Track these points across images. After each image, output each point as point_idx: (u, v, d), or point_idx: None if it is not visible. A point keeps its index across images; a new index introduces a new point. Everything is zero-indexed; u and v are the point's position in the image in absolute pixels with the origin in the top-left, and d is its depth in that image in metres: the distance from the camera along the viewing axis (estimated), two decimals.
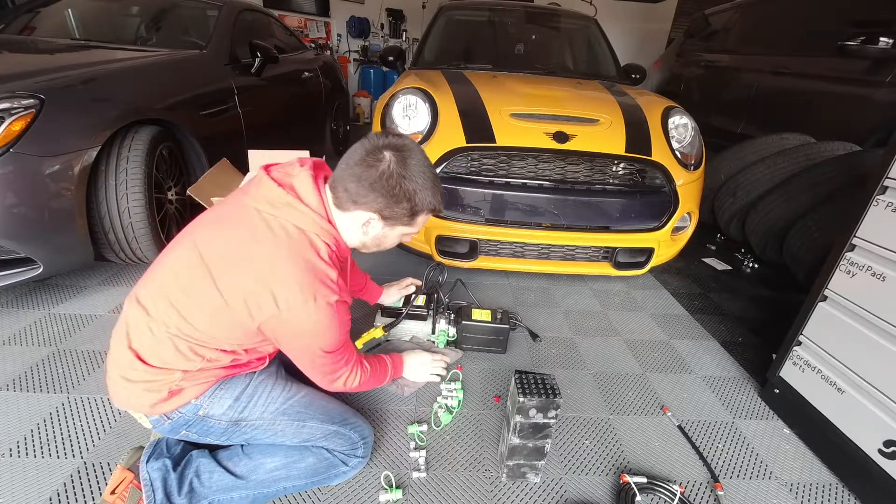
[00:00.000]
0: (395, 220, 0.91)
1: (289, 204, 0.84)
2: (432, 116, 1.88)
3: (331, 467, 1.00)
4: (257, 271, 0.80)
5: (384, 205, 0.87)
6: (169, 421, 0.89)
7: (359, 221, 0.90)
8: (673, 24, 6.54)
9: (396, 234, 0.97)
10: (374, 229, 0.92)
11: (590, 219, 1.82)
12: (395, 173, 0.85)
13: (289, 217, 0.84)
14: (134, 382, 0.85)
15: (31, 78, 1.47)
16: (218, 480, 0.92)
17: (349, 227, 0.91)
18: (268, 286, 0.80)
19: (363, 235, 0.94)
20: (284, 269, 0.80)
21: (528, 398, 0.96)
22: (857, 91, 2.56)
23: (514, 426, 1.00)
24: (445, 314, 1.57)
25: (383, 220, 0.90)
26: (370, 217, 0.89)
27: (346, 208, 0.88)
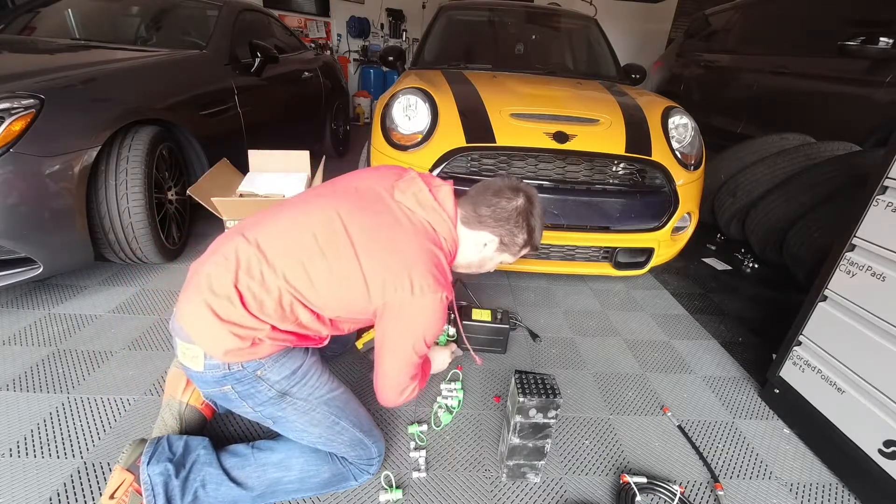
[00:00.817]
0: (508, 248, 1.06)
1: (434, 208, 0.97)
2: (432, 116, 1.88)
3: (342, 481, 1.00)
4: (402, 255, 0.90)
5: (507, 233, 1.03)
6: (225, 371, 0.86)
7: (480, 241, 1.04)
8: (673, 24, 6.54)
9: (498, 260, 1.11)
10: (487, 251, 1.06)
11: (590, 219, 1.82)
12: (525, 210, 1.02)
13: (430, 217, 0.96)
14: (224, 322, 0.82)
15: (31, 78, 1.47)
16: (225, 493, 0.91)
17: (468, 244, 1.05)
18: (408, 270, 0.88)
19: (475, 254, 1.07)
20: (425, 259, 0.91)
21: (528, 398, 0.96)
22: (857, 91, 2.56)
23: (514, 426, 1.00)
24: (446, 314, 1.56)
25: (500, 245, 1.05)
26: (491, 239, 1.04)
27: (474, 227, 1.03)
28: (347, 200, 0.95)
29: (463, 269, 1.12)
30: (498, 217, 1.01)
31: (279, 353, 0.91)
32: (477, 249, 1.05)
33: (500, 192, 1.01)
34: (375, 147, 1.97)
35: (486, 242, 1.04)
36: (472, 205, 1.02)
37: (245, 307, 0.83)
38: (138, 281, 1.82)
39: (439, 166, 1.76)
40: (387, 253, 0.90)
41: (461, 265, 1.10)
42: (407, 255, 0.90)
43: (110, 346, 1.44)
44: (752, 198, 2.42)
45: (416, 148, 1.83)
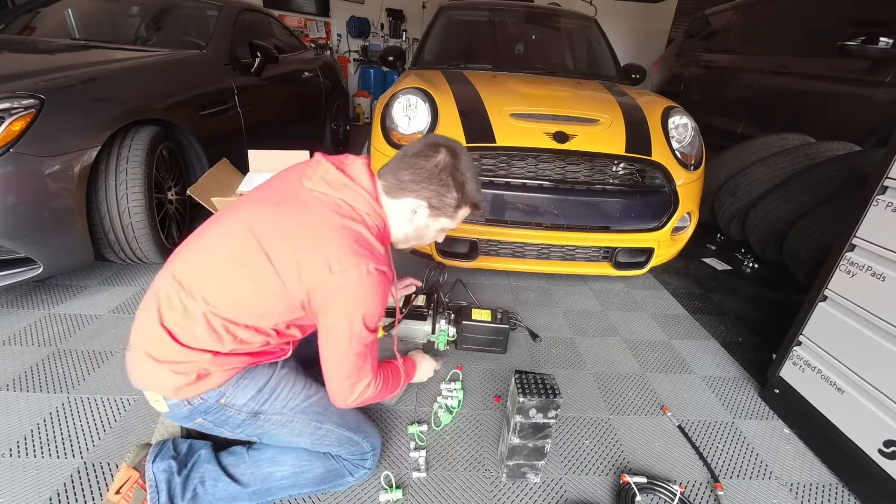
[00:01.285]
0: (441, 211, 0.97)
1: (345, 185, 0.90)
2: (432, 116, 1.88)
3: (337, 477, 1.00)
4: (311, 238, 0.84)
5: (434, 193, 0.94)
6: (188, 406, 0.87)
7: (408, 209, 0.95)
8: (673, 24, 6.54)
9: (437, 227, 1.02)
10: (419, 218, 0.98)
11: (590, 219, 1.82)
12: (448, 165, 0.93)
13: (344, 196, 0.89)
14: (162, 363, 0.82)
15: (31, 78, 1.47)
16: (223, 489, 0.92)
17: (396, 215, 0.97)
18: (321, 250, 0.83)
19: (407, 225, 0.99)
20: (337, 235, 0.85)
21: (528, 398, 0.96)
22: (857, 91, 2.56)
23: (514, 426, 1.00)
24: (445, 314, 1.57)
25: (430, 210, 0.96)
26: (419, 205, 0.95)
27: (397, 195, 0.94)
28: (258, 205, 0.91)
29: (403, 244, 1.05)
30: (419, 178, 0.93)
31: (238, 376, 0.89)
32: (407, 219, 0.97)
33: (419, 153, 0.93)
34: (375, 147, 1.97)
35: (415, 209, 0.96)
36: (392, 172, 0.95)
37: (177, 341, 0.82)
38: (138, 281, 1.82)
39: None
40: (295, 242, 0.85)
41: (399, 240, 1.02)
42: (318, 237, 0.85)
43: (110, 346, 1.44)
44: (752, 198, 2.42)
45: None
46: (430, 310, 1.55)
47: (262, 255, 0.84)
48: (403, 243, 1.04)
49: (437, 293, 1.67)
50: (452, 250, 1.93)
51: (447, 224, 1.02)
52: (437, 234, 1.05)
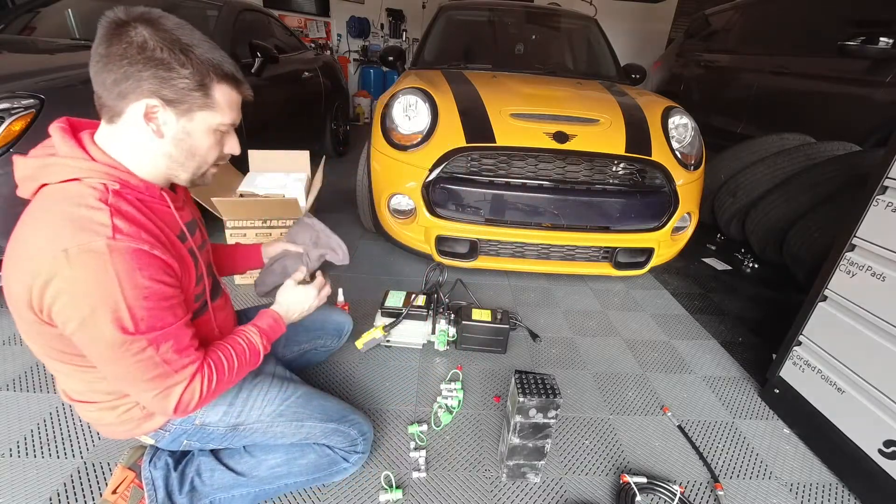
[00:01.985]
0: (185, 103, 0.69)
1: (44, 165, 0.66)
2: (432, 116, 1.88)
3: (332, 464, 1.00)
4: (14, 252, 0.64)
5: (157, 82, 0.66)
6: (167, 433, 0.88)
7: (139, 122, 0.68)
8: (673, 24, 6.54)
9: (202, 128, 0.73)
10: (167, 127, 0.70)
11: (590, 219, 1.82)
12: (153, 37, 0.65)
13: (52, 177, 0.66)
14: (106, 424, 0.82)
15: (31, 78, 1.47)
16: (219, 479, 0.93)
17: (135, 140, 0.69)
18: (23, 260, 0.63)
19: (159, 141, 0.70)
20: (35, 232, 0.63)
21: (528, 398, 0.96)
22: (857, 91, 2.56)
23: (514, 426, 1.00)
24: (445, 314, 1.57)
25: (170, 107, 0.68)
26: (148, 105, 0.67)
27: (117, 112, 0.67)
28: None
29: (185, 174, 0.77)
30: (124, 71, 0.64)
31: None
32: (150, 136, 0.69)
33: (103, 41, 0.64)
34: (375, 147, 1.98)
35: (148, 112, 0.67)
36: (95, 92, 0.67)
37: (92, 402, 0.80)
38: None
39: (439, 166, 1.76)
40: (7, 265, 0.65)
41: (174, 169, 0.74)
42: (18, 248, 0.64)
43: None
44: (752, 198, 2.42)
45: (416, 148, 1.83)
46: (430, 310, 1.55)
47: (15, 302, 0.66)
48: (183, 172, 0.76)
49: (437, 293, 1.67)
50: (452, 250, 1.93)
51: (212, 119, 0.73)
52: (214, 140, 0.76)
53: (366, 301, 1.80)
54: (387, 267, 2.13)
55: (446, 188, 1.77)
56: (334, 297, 1.66)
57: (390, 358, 1.50)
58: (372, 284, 1.94)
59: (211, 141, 0.75)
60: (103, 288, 0.62)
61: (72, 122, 0.72)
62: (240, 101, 0.79)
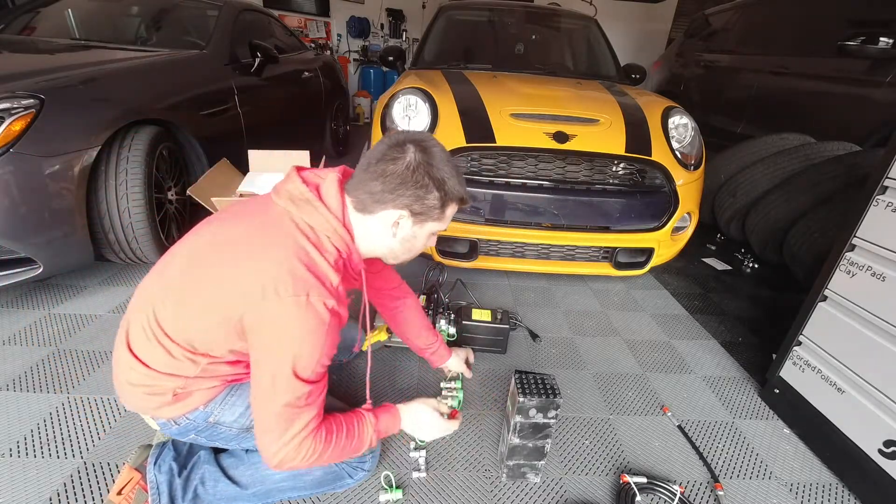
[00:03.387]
0: (426, 216, 0.86)
1: (308, 201, 0.81)
2: (432, 116, 1.88)
3: (336, 479, 0.99)
4: (253, 256, 0.76)
5: (413, 199, 0.82)
6: (177, 426, 0.88)
7: (387, 223, 0.85)
8: (673, 24, 6.54)
9: (426, 233, 0.90)
10: (403, 229, 0.87)
11: (590, 219, 1.82)
12: (421, 163, 0.81)
13: (304, 214, 0.80)
14: (135, 386, 0.83)
15: (31, 78, 1.47)
16: (223, 490, 0.92)
17: (374, 232, 0.86)
18: (260, 272, 0.74)
19: (391, 238, 0.88)
20: (282, 256, 0.75)
21: (528, 398, 0.96)
22: (857, 91, 2.56)
23: (514, 426, 1.00)
24: (445, 314, 1.57)
25: (413, 217, 0.85)
26: (399, 215, 0.84)
27: (371, 210, 0.84)
28: (218, 221, 0.87)
29: (392, 261, 0.95)
30: (393, 186, 0.81)
31: (224, 393, 0.89)
32: (391, 233, 0.87)
33: (384, 157, 0.81)
34: None
35: (397, 221, 0.84)
36: (361, 185, 0.83)
37: (146, 366, 0.82)
38: (138, 281, 1.82)
39: None
40: (236, 257, 0.77)
41: (385, 256, 0.93)
42: (260, 257, 0.75)
43: (110, 346, 1.44)
44: (752, 198, 2.42)
45: None
46: (430, 310, 1.55)
47: (209, 275, 0.78)
48: (392, 259, 0.95)
49: (437, 293, 1.67)
50: (452, 250, 1.93)
51: (436, 227, 0.91)
52: (429, 237, 0.94)
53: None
54: None
55: None
56: None
57: (390, 358, 1.50)
58: None
59: (426, 241, 0.93)
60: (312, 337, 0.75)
61: (345, 173, 0.89)
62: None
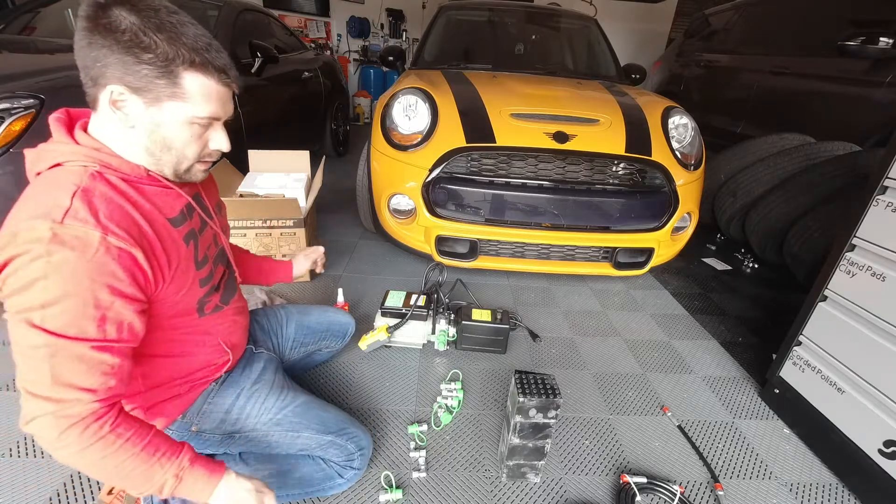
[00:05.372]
0: (151, 90, 0.64)
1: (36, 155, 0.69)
2: (432, 116, 1.88)
3: (326, 479, 0.99)
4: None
5: (122, 66, 0.62)
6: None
7: (109, 110, 0.65)
8: (673, 24, 6.54)
9: (175, 120, 0.68)
10: (134, 116, 0.66)
11: (590, 219, 1.82)
12: (127, 20, 0.61)
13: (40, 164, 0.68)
14: None
15: (31, 78, 1.47)
16: None
17: (112, 131, 0.68)
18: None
19: (134, 135, 0.68)
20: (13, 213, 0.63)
21: (528, 398, 0.96)
22: (857, 91, 2.56)
23: (514, 426, 1.00)
24: (445, 314, 1.57)
25: (136, 94, 0.64)
26: (115, 93, 0.64)
27: (94, 98, 0.66)
28: None
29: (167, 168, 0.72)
30: (97, 58, 0.62)
31: (199, 401, 0.88)
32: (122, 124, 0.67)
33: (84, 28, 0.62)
34: (375, 147, 1.98)
35: (115, 102, 0.65)
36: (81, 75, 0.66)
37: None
38: None
39: (439, 166, 1.76)
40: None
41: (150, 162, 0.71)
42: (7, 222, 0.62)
43: None
44: (752, 198, 2.42)
45: (416, 148, 1.83)
46: (430, 310, 1.55)
47: None
48: (165, 167, 0.72)
49: (437, 293, 1.67)
50: (453, 250, 1.93)
51: (184, 110, 0.68)
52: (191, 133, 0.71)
53: (365, 301, 1.80)
54: (387, 267, 2.13)
55: (446, 188, 1.77)
56: (334, 297, 1.66)
57: (390, 358, 1.50)
58: (372, 284, 1.94)
59: (187, 134, 0.70)
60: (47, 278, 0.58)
61: (70, 113, 0.72)
62: (224, 94, 0.73)
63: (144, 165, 0.71)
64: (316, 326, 1.28)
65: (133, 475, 0.66)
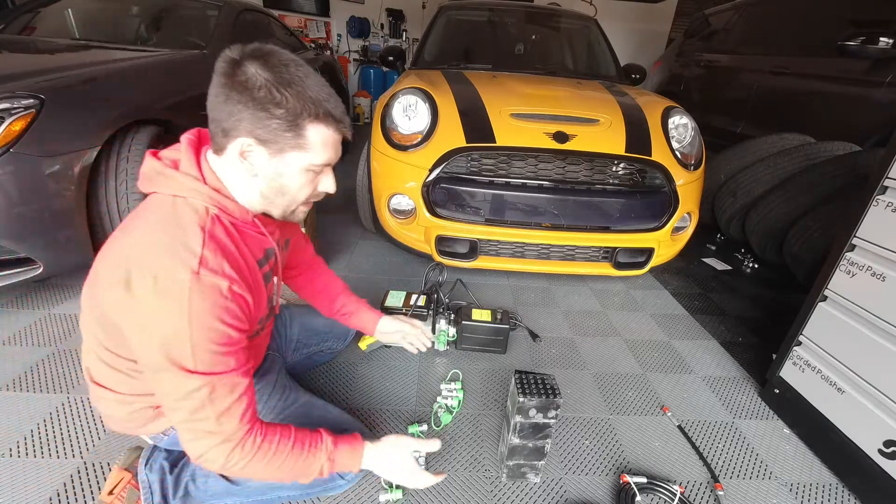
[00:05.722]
0: (277, 142, 0.70)
1: (160, 173, 0.71)
2: (432, 116, 1.88)
3: (328, 479, 0.97)
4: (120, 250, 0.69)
5: (255, 121, 0.67)
6: (167, 437, 0.89)
7: (236, 159, 0.71)
8: (673, 24, 6.55)
9: (294, 168, 0.73)
10: (259, 166, 0.71)
11: (590, 219, 1.82)
12: (260, 76, 0.66)
13: (164, 188, 0.71)
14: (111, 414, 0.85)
15: (31, 78, 1.47)
16: (213, 486, 0.92)
17: (234, 174, 0.73)
18: (123, 263, 0.66)
19: (252, 182, 0.73)
20: (143, 239, 0.67)
21: (528, 398, 0.96)
22: (857, 91, 2.56)
23: (514, 426, 1.00)
24: (445, 314, 1.57)
25: (263, 146, 0.69)
26: (244, 144, 0.69)
27: (221, 147, 0.70)
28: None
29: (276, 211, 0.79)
30: (231, 108, 0.67)
31: None
32: (246, 173, 0.72)
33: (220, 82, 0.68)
34: (375, 147, 1.97)
35: (243, 151, 0.70)
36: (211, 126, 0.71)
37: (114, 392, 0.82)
38: None
39: (439, 166, 1.76)
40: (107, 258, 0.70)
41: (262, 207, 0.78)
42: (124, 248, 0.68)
43: None
44: (752, 198, 2.42)
45: (416, 148, 1.83)
46: (430, 310, 1.55)
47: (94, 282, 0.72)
48: (272, 208, 0.78)
49: (437, 293, 1.67)
50: (453, 250, 1.93)
51: (304, 160, 0.72)
52: (306, 179, 0.75)
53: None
54: (387, 267, 2.13)
55: (446, 188, 1.77)
56: None
57: (390, 358, 1.50)
58: (372, 284, 1.94)
59: (303, 180, 0.75)
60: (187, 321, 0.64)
61: (201, 135, 0.77)
62: (338, 141, 0.76)
63: (255, 208, 0.77)
64: (319, 328, 1.30)
65: (296, 469, 0.78)
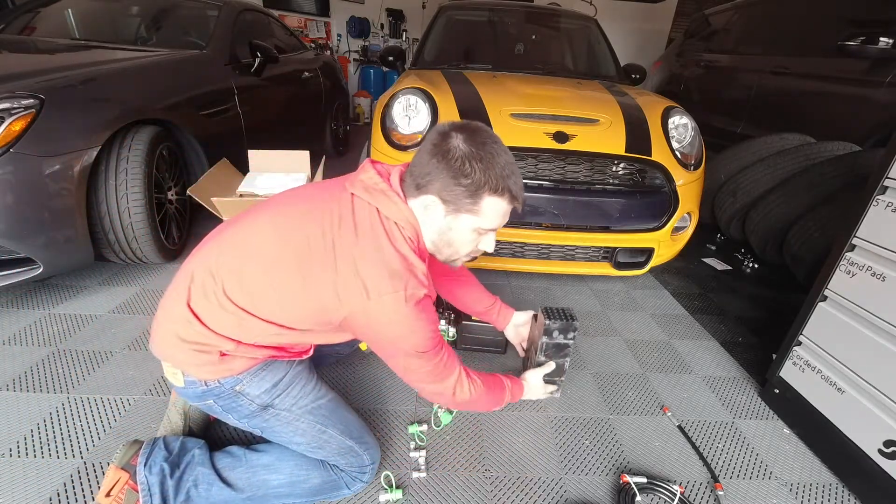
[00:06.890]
0: (456, 205, 0.84)
1: (383, 192, 0.84)
2: (432, 116, 1.88)
3: (334, 489, 0.98)
4: (347, 258, 0.79)
5: (444, 183, 0.82)
6: (203, 387, 0.88)
7: (421, 208, 0.86)
8: (673, 24, 6.54)
9: (464, 227, 0.88)
10: (436, 218, 0.87)
11: (590, 219, 1.82)
12: (460, 149, 0.81)
13: (379, 203, 0.84)
14: (186, 341, 0.84)
15: (31, 78, 1.47)
16: (216, 494, 0.91)
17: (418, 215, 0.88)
18: (358, 274, 0.78)
19: (429, 228, 0.89)
20: (376, 256, 0.80)
21: (553, 321, 1.21)
22: (857, 91, 2.56)
23: (541, 346, 1.23)
24: (445, 314, 1.57)
25: (444, 205, 0.84)
26: (430, 200, 0.84)
27: (412, 194, 0.86)
28: (294, 207, 0.88)
29: (438, 256, 0.95)
30: (428, 168, 0.83)
31: (258, 367, 0.90)
32: (427, 220, 0.88)
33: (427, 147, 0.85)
34: (375, 147, 1.97)
35: (427, 205, 0.85)
36: (409, 170, 0.87)
37: (204, 325, 0.83)
38: (138, 281, 1.82)
39: None
40: (329, 261, 0.80)
41: (431, 250, 0.94)
42: (353, 258, 0.79)
43: (110, 346, 1.44)
44: (752, 198, 2.42)
45: (417, 148, 1.83)
46: None
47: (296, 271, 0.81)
48: (437, 254, 0.94)
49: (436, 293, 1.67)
50: None
51: (474, 223, 0.87)
52: (472, 238, 0.90)
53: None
54: None
55: None
56: None
57: None
58: None
59: (469, 238, 0.91)
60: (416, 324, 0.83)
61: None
62: (508, 211, 0.90)
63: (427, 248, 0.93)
64: None
65: (496, 399, 1.11)
